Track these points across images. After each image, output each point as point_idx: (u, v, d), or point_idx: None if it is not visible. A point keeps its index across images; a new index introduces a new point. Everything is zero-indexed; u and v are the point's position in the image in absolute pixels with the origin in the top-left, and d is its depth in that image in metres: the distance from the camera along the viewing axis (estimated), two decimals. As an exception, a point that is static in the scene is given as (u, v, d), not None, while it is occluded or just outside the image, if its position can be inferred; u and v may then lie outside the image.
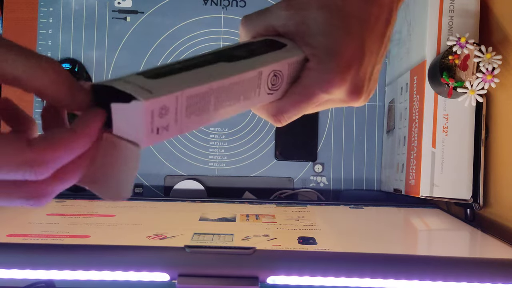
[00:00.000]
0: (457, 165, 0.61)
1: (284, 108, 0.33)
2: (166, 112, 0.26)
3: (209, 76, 0.28)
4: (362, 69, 0.32)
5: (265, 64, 0.31)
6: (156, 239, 0.47)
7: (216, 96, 0.29)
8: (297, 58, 0.32)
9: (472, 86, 0.57)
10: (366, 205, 0.69)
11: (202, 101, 0.28)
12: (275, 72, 0.32)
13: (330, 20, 0.31)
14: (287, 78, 0.33)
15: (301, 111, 0.34)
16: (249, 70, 0.30)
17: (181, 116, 0.27)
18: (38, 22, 0.74)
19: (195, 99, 0.27)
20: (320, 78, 0.32)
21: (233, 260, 0.42)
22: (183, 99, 0.27)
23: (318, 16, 0.31)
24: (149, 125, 0.26)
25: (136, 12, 0.76)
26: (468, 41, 0.58)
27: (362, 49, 0.32)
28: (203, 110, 0.28)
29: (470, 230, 0.57)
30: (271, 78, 0.32)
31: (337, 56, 0.31)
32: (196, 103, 0.28)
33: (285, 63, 0.32)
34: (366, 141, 0.77)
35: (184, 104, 0.27)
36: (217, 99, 0.29)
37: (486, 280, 0.41)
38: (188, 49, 0.76)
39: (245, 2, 0.76)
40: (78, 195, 0.68)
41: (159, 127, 0.26)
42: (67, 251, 0.42)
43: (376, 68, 0.34)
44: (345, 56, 0.31)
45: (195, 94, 0.27)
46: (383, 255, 0.43)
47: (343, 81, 0.32)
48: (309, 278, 0.42)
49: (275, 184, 0.76)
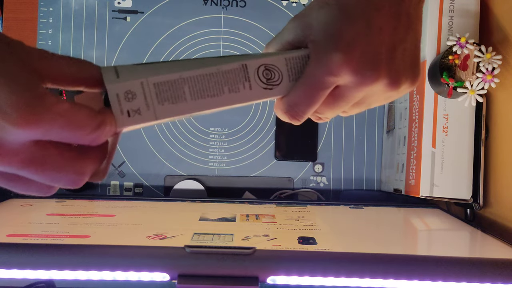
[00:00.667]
0: (457, 165, 0.61)
1: (293, 100, 0.33)
2: (133, 97, 0.29)
3: (181, 67, 0.31)
4: (369, 46, 0.32)
5: (250, 58, 0.33)
6: (156, 239, 0.47)
7: (191, 86, 0.31)
8: (298, 54, 0.33)
9: (472, 86, 0.57)
10: (366, 205, 0.69)
11: (172, 89, 0.30)
12: (267, 66, 0.33)
13: (329, 12, 0.32)
14: (289, 74, 0.34)
15: (314, 103, 0.33)
16: (228, 63, 0.32)
17: (153, 102, 0.30)
18: (38, 22, 0.74)
19: (164, 87, 0.30)
20: (321, 61, 0.32)
21: (233, 260, 0.42)
22: (149, 86, 0.30)
23: (319, 15, 0.33)
24: (117, 107, 0.29)
25: (136, 12, 0.76)
26: (468, 41, 0.58)
27: (367, 27, 0.32)
28: (178, 99, 0.31)
29: (470, 230, 0.57)
30: (263, 72, 0.33)
31: (335, 37, 0.31)
32: (166, 91, 0.30)
33: (280, 58, 0.33)
34: (366, 141, 0.77)
35: (152, 90, 0.30)
36: (192, 88, 0.31)
37: (486, 280, 0.41)
38: (188, 49, 0.76)
39: (245, 2, 0.76)
40: (78, 195, 0.68)
41: (129, 110, 0.29)
42: (67, 251, 0.42)
43: (401, 47, 0.33)
44: (343, 36, 0.31)
45: (162, 82, 0.30)
46: (383, 255, 0.43)
47: (349, 60, 0.31)
48: (309, 278, 0.42)
49: (275, 184, 0.76)
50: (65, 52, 0.74)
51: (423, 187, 0.62)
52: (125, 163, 0.74)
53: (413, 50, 0.34)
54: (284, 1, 0.76)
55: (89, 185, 0.71)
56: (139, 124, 0.30)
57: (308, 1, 0.76)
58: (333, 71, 0.31)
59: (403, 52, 0.33)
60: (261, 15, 0.76)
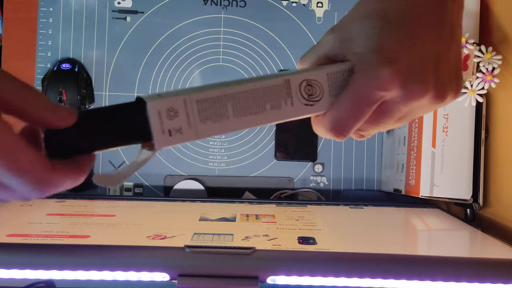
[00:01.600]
0: (457, 165, 0.61)
1: (340, 116, 0.32)
2: (175, 114, 0.28)
3: (223, 85, 0.29)
4: (415, 58, 0.31)
5: (292, 73, 0.31)
6: (156, 239, 0.47)
7: (234, 103, 0.29)
8: (340, 68, 0.32)
9: (472, 86, 0.58)
10: (366, 205, 0.69)
11: (216, 106, 0.29)
12: (309, 82, 0.32)
13: (371, 24, 0.31)
14: (330, 89, 0.32)
15: (361, 118, 0.32)
16: (271, 79, 0.31)
17: (195, 121, 0.29)
18: (38, 22, 0.74)
19: (207, 104, 0.29)
20: (367, 75, 0.31)
21: (233, 260, 0.42)
22: (192, 103, 0.28)
23: (362, 26, 0.32)
24: (158, 126, 0.28)
25: (136, 12, 0.76)
26: (468, 41, 0.58)
27: (411, 39, 0.31)
28: (221, 116, 0.29)
29: (470, 230, 0.57)
30: (305, 87, 0.32)
31: (380, 51, 0.30)
32: (209, 108, 0.29)
33: (322, 73, 0.32)
34: (366, 141, 0.77)
35: (195, 108, 0.28)
36: (235, 106, 0.30)
37: (486, 280, 0.41)
38: (188, 49, 0.76)
39: (245, 2, 0.76)
40: (78, 195, 0.68)
41: (170, 129, 0.28)
42: (67, 251, 0.42)
43: (445, 58, 0.32)
44: (387, 48, 0.30)
45: (205, 99, 0.29)
46: (383, 255, 0.43)
47: (396, 74, 0.30)
48: (309, 278, 0.42)
49: (275, 184, 0.76)
50: (65, 52, 0.74)
51: (423, 187, 0.62)
52: (125, 163, 0.74)
53: (456, 60, 0.33)
54: (284, 1, 0.76)
55: (89, 185, 0.72)
56: (178, 143, 0.29)
57: (308, 1, 0.77)
58: (382, 85, 0.31)
59: (447, 63, 0.33)
60: (261, 15, 0.76)
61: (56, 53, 0.74)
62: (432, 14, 0.32)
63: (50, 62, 0.74)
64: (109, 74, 0.75)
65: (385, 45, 0.31)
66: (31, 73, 0.73)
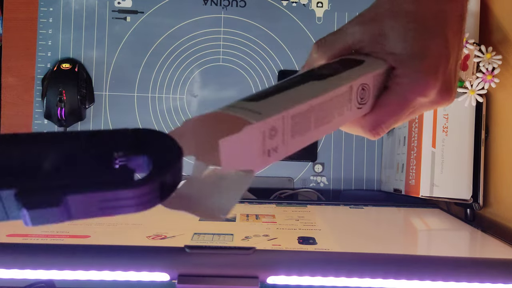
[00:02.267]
0: (457, 165, 0.61)
1: (383, 119, 0.33)
2: (275, 133, 0.26)
3: (307, 95, 0.28)
4: (449, 66, 0.32)
5: (353, 78, 0.31)
6: (156, 239, 0.47)
7: (316, 114, 0.29)
8: (380, 70, 0.32)
9: (472, 86, 0.58)
10: (366, 205, 0.69)
11: (304, 120, 0.28)
12: (363, 86, 0.32)
13: (408, 25, 0.31)
14: (373, 91, 0.33)
15: (398, 121, 0.33)
16: (342, 85, 0.30)
17: (288, 137, 0.27)
18: (38, 22, 0.74)
19: (298, 119, 0.27)
20: (414, 82, 0.31)
21: (233, 260, 0.42)
22: (288, 119, 0.27)
23: (395, 24, 0.31)
24: (261, 148, 0.25)
25: (136, 12, 0.76)
26: (468, 41, 0.58)
27: (446, 46, 0.32)
28: (306, 129, 0.28)
29: (470, 230, 0.57)
30: (360, 92, 0.32)
31: (425, 58, 0.31)
32: (299, 123, 0.27)
33: (370, 76, 0.32)
34: (366, 141, 0.77)
35: (289, 124, 0.27)
36: (316, 117, 0.29)
37: (486, 280, 0.41)
38: (188, 49, 0.76)
39: (245, 2, 0.76)
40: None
41: (270, 149, 0.26)
42: (67, 251, 0.42)
43: (458, 64, 0.34)
44: (432, 56, 0.31)
45: (298, 113, 0.27)
46: (383, 255, 0.43)
47: (437, 81, 0.31)
48: (309, 278, 0.42)
49: (275, 184, 0.76)
50: (65, 52, 0.74)
51: (423, 187, 0.62)
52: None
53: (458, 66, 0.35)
54: (284, 1, 0.76)
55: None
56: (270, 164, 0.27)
57: (308, 1, 0.77)
58: (425, 92, 0.32)
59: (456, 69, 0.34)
60: (261, 15, 0.76)
61: (56, 53, 0.74)
62: (456, 21, 0.33)
63: (50, 62, 0.74)
64: (109, 74, 0.75)
65: (427, 52, 0.31)
66: (31, 73, 0.73)
